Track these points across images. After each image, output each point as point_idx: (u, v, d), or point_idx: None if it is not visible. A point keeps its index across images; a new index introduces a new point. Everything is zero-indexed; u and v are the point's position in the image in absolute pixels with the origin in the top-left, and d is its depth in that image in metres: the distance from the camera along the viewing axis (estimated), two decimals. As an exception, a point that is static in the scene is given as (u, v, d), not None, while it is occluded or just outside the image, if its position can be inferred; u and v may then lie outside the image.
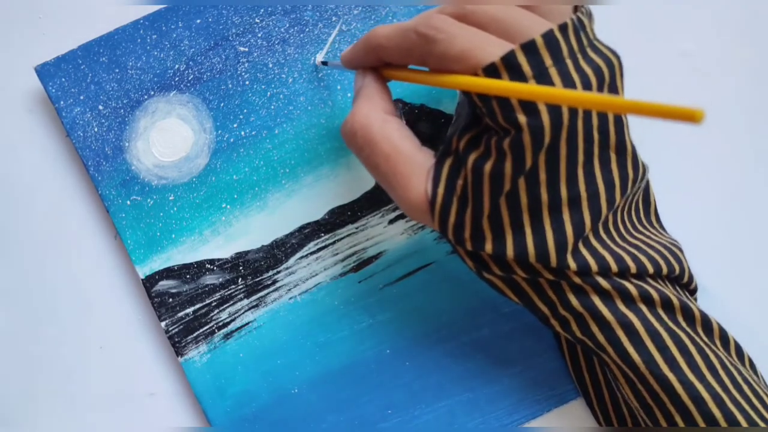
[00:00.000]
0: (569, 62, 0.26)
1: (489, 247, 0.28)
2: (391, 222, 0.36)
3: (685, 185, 0.36)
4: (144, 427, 0.36)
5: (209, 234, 0.35)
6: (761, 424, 0.27)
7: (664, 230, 0.33)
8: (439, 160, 0.29)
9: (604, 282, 0.28)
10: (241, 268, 0.35)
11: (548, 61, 0.25)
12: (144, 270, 0.35)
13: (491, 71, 0.25)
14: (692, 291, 0.32)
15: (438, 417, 0.35)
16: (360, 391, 0.35)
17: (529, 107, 0.25)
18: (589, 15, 0.28)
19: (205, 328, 0.35)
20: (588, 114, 0.27)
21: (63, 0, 0.36)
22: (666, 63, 0.37)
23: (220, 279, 0.35)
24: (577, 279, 0.28)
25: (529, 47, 0.25)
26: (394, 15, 0.36)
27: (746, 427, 0.27)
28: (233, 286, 0.35)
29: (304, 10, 0.36)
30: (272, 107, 0.35)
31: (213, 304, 0.35)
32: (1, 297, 0.36)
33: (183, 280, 0.35)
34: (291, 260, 0.35)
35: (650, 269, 0.29)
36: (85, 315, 0.36)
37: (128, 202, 0.35)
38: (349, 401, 0.35)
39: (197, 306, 0.35)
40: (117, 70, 0.35)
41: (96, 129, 0.35)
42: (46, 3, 0.36)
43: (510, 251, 0.28)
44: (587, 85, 0.26)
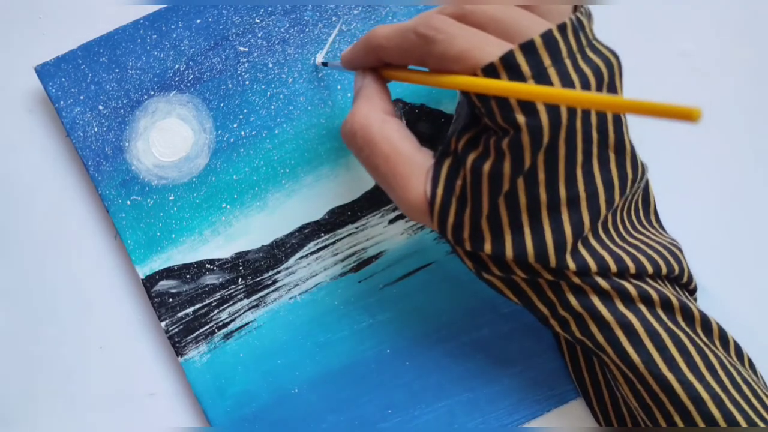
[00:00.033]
0: (568, 62, 0.26)
1: (488, 248, 0.28)
2: (391, 222, 0.36)
3: (685, 185, 0.36)
4: (144, 427, 0.36)
5: (209, 234, 0.35)
6: (760, 424, 0.27)
7: (664, 230, 0.33)
8: (438, 161, 0.29)
9: (604, 282, 0.28)
10: (241, 268, 0.35)
11: (547, 61, 0.25)
12: (144, 270, 0.35)
13: (490, 71, 0.25)
14: (692, 291, 0.32)
15: (438, 417, 0.35)
16: (360, 391, 0.35)
17: (528, 107, 0.25)
18: (589, 15, 0.28)
19: (205, 328, 0.35)
20: (587, 114, 0.27)
21: (63, 0, 0.36)
22: (665, 63, 0.37)
23: (220, 279, 0.35)
24: (577, 279, 0.28)
25: (528, 47, 0.25)
26: (394, 15, 0.36)
27: (745, 427, 0.27)
28: (233, 286, 0.35)
29: (304, 10, 0.36)
30: (272, 107, 0.35)
31: (213, 304, 0.35)
32: (1, 297, 0.36)
33: (183, 280, 0.35)
34: (291, 260, 0.35)
35: (649, 269, 0.29)
36: (85, 315, 0.36)
37: (128, 202, 0.35)
38: (349, 401, 0.35)
39: (197, 306, 0.35)
40: (117, 70, 0.35)
41: (96, 129, 0.35)
42: (46, 3, 0.36)
43: (509, 251, 0.28)
44: (586, 85, 0.26)
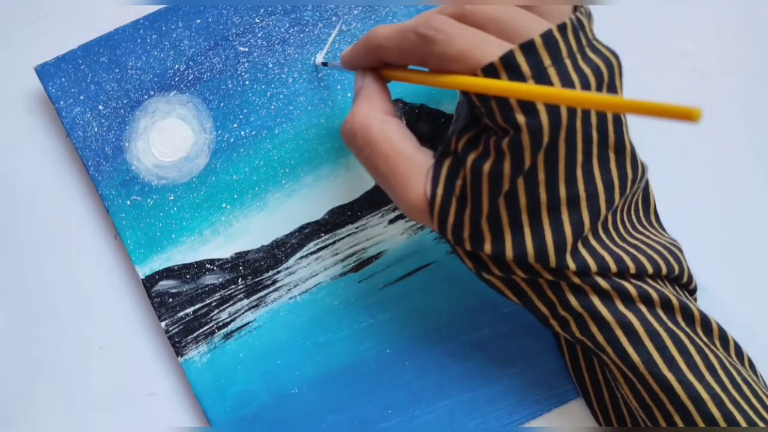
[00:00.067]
0: (568, 62, 0.26)
1: (488, 248, 0.28)
2: (391, 222, 0.36)
3: (685, 185, 0.36)
4: (144, 427, 0.36)
5: (209, 234, 0.35)
6: (760, 424, 0.27)
7: (664, 230, 0.33)
8: (438, 161, 0.29)
9: (604, 282, 0.28)
10: (241, 268, 0.35)
11: (547, 61, 0.25)
12: (144, 270, 0.35)
13: (490, 71, 0.25)
14: (692, 291, 0.32)
15: (438, 417, 0.35)
16: (360, 391, 0.35)
17: (528, 107, 0.25)
18: (589, 15, 0.28)
19: (205, 328, 0.35)
20: (587, 114, 0.27)
21: (63, 0, 0.36)
22: (665, 63, 0.37)
23: (220, 279, 0.35)
24: (577, 279, 0.28)
25: (528, 47, 0.25)
26: (394, 15, 0.36)
27: (745, 427, 0.27)
28: (233, 286, 0.35)
29: (304, 10, 0.36)
30: (272, 107, 0.35)
31: (213, 304, 0.35)
32: (1, 297, 0.36)
33: (183, 280, 0.35)
34: (291, 260, 0.35)
35: (649, 269, 0.29)
36: (85, 315, 0.36)
37: (128, 202, 0.35)
38: (349, 401, 0.35)
39: (197, 306, 0.35)
40: (117, 70, 0.35)
41: (96, 129, 0.35)
42: (46, 3, 0.36)
43: (509, 251, 0.28)
44: (586, 85, 0.26)
